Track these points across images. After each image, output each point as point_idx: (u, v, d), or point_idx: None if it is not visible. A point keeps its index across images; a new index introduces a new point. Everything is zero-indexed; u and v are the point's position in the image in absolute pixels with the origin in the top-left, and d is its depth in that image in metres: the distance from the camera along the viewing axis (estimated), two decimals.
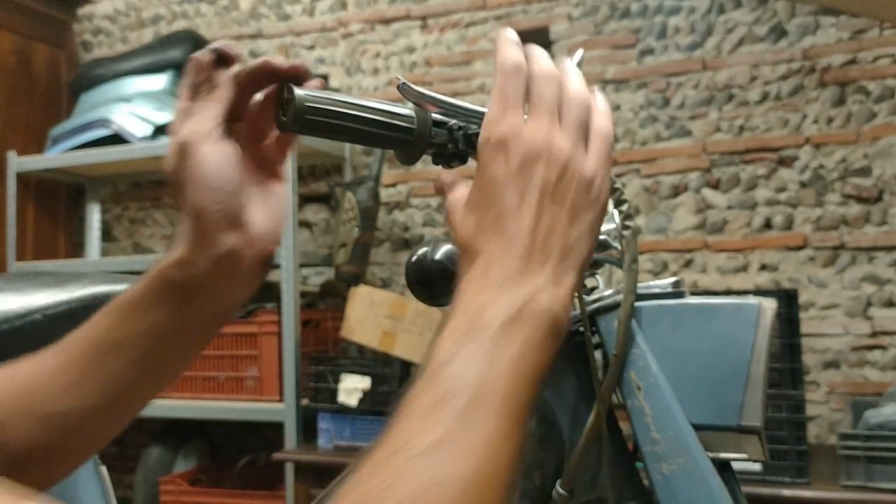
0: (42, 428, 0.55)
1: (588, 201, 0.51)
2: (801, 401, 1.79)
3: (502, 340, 0.44)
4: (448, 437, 0.40)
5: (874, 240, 2.13)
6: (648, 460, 0.64)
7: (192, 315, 0.56)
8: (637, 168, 2.38)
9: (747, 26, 2.30)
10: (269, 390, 2.37)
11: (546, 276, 0.48)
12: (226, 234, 0.54)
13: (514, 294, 0.46)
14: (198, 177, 0.53)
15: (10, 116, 2.85)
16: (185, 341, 0.58)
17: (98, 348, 0.56)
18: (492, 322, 0.45)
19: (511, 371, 0.44)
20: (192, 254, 0.55)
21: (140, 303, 0.56)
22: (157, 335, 0.56)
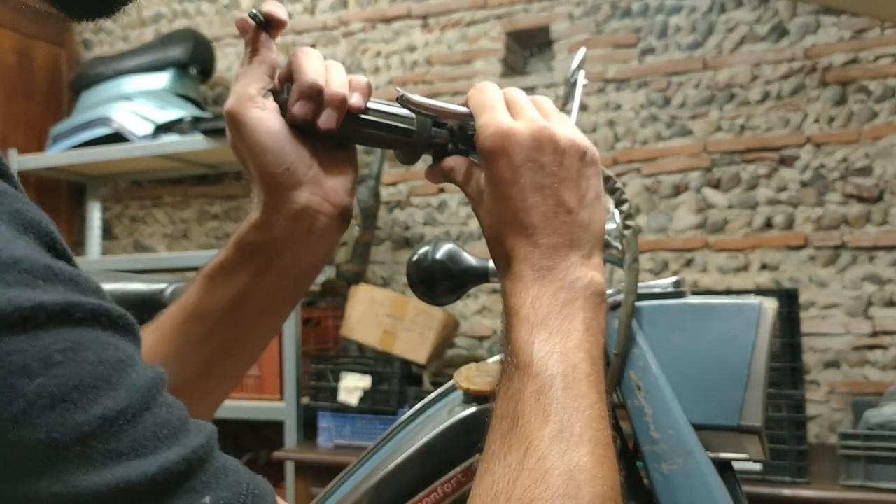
0: None
1: (586, 166, 0.55)
2: (802, 400, 1.79)
3: (565, 327, 0.49)
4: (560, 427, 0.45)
5: (875, 239, 2.13)
6: (648, 460, 0.64)
7: (275, 277, 0.57)
8: (638, 167, 2.38)
9: (748, 25, 2.30)
10: (270, 389, 2.37)
11: (578, 255, 0.52)
12: (296, 192, 0.56)
13: (557, 280, 0.51)
14: (253, 143, 0.55)
15: (11, 115, 2.85)
16: (271, 304, 0.59)
17: (189, 319, 0.57)
18: (550, 314, 0.49)
19: (583, 353, 0.49)
20: (267, 215, 0.56)
21: (225, 270, 0.57)
22: (244, 300, 0.57)
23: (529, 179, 0.52)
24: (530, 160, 0.52)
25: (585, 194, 0.54)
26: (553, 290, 0.50)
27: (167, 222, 3.04)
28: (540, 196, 0.52)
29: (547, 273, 0.51)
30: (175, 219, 3.03)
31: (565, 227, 0.52)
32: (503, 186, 0.52)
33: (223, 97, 2.96)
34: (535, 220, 0.52)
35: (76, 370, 0.31)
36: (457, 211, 2.57)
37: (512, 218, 0.52)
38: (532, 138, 0.53)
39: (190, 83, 2.77)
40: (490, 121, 0.54)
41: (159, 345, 0.57)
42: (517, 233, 0.52)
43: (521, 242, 0.52)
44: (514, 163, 0.52)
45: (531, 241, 0.52)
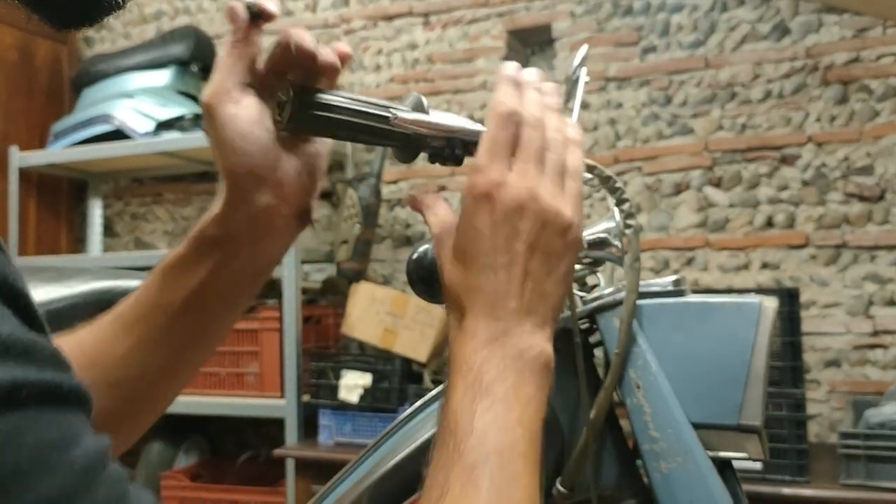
0: (112, 395, 0.56)
1: (566, 245, 0.53)
2: (802, 399, 1.80)
3: (508, 398, 0.48)
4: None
5: (876, 239, 2.13)
6: (647, 459, 0.64)
7: (233, 272, 0.57)
8: (639, 166, 2.38)
9: (750, 24, 2.29)
10: (270, 386, 2.37)
11: (532, 322, 0.51)
12: (257, 193, 0.56)
13: (508, 347, 0.50)
14: (221, 139, 0.54)
15: (12, 111, 2.85)
16: (229, 297, 0.59)
17: (150, 311, 0.57)
18: (494, 380, 0.48)
19: (522, 429, 0.47)
20: (229, 211, 0.56)
21: (184, 263, 0.57)
22: (203, 293, 0.57)
23: (504, 239, 0.51)
24: (510, 222, 0.51)
25: (554, 269, 0.52)
26: (503, 356, 0.49)
27: (168, 219, 3.04)
28: (509, 258, 0.51)
29: (500, 337, 0.50)
30: (176, 216, 3.03)
31: (528, 294, 0.51)
32: (476, 238, 0.51)
33: None
34: (500, 280, 0.51)
35: (15, 454, 0.30)
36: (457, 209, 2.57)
37: (477, 271, 0.51)
38: (518, 201, 0.51)
39: (191, 80, 2.77)
40: (485, 165, 0.52)
41: (120, 336, 0.57)
42: (478, 289, 0.51)
43: (481, 300, 0.51)
44: (494, 219, 0.51)
45: (491, 300, 0.51)
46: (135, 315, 0.57)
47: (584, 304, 0.69)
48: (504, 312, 0.50)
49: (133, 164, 2.86)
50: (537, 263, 0.52)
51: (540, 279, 0.52)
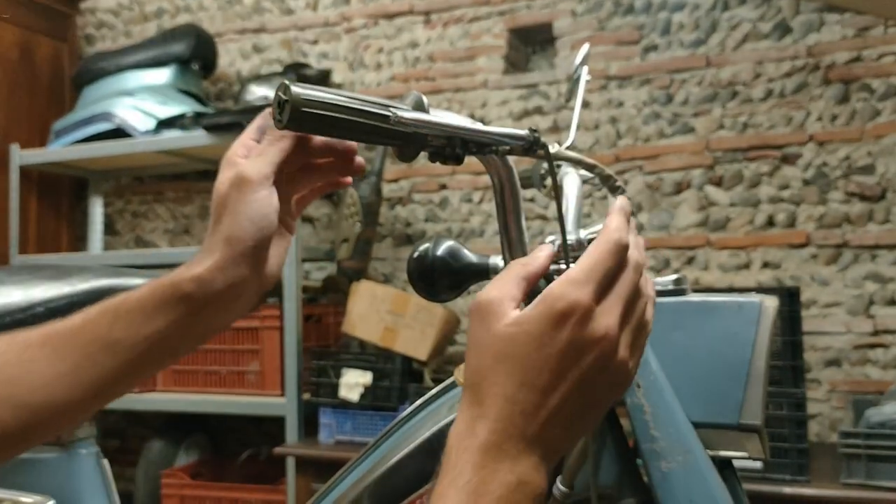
0: (19, 415, 0.56)
1: (611, 397, 0.51)
2: (803, 399, 1.79)
3: None
4: None
5: (877, 238, 2.13)
6: (648, 458, 0.64)
7: (194, 325, 0.59)
8: (640, 165, 2.38)
9: (751, 23, 2.29)
10: (271, 385, 2.37)
11: (541, 455, 0.48)
12: (247, 265, 0.58)
13: (511, 473, 0.47)
14: (247, 211, 0.57)
15: (13, 110, 2.85)
16: (180, 347, 0.60)
17: (95, 345, 0.57)
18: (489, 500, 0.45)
19: None
20: (212, 274, 0.58)
21: (147, 307, 0.58)
22: (158, 339, 0.58)
23: (560, 363, 0.48)
24: (576, 351, 0.48)
25: (588, 414, 0.50)
26: (503, 483, 0.46)
27: (169, 218, 3.04)
28: (555, 385, 0.48)
29: (509, 461, 0.47)
30: (177, 214, 3.03)
31: (552, 427, 0.48)
32: (533, 347, 0.48)
33: (225, 93, 2.96)
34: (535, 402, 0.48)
35: None
36: (458, 208, 2.57)
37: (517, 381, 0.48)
38: (594, 335, 0.48)
39: (192, 79, 2.77)
40: (581, 284, 0.48)
41: (52, 361, 0.57)
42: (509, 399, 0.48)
43: (506, 410, 0.47)
44: (562, 339, 0.48)
45: (515, 416, 0.47)
46: (73, 344, 0.57)
47: None
48: (521, 436, 0.47)
49: (134, 162, 2.86)
50: (577, 403, 0.49)
51: (571, 418, 0.49)
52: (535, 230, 2.44)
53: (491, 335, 0.49)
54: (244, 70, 2.92)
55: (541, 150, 0.62)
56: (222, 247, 0.58)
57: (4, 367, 0.56)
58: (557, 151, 0.68)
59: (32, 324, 0.75)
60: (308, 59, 2.81)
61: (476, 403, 0.49)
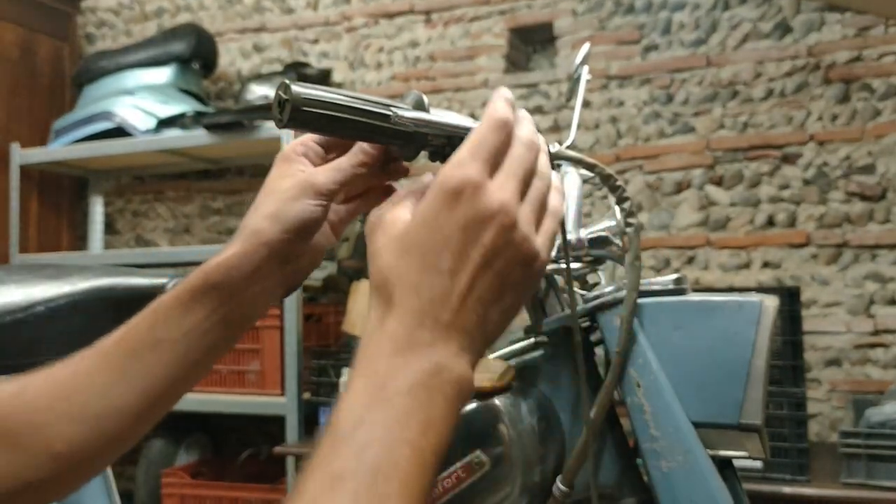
0: (84, 428, 0.56)
1: (525, 277, 0.49)
2: (803, 398, 1.79)
3: (408, 415, 0.43)
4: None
5: (877, 238, 2.13)
6: (648, 457, 0.64)
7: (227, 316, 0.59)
8: (640, 164, 2.38)
9: (752, 23, 2.29)
10: (271, 384, 2.37)
11: (461, 343, 0.46)
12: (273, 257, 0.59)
13: (427, 360, 0.44)
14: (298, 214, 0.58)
15: (14, 109, 2.85)
16: (220, 341, 0.60)
17: (139, 347, 0.58)
18: (399, 391, 0.43)
19: (412, 452, 0.42)
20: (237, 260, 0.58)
21: (182, 302, 0.58)
22: (198, 334, 0.58)
23: (460, 243, 0.46)
24: (474, 228, 0.46)
25: (504, 297, 0.48)
26: (418, 370, 0.44)
27: (169, 217, 3.05)
28: (459, 265, 0.46)
29: (422, 348, 0.44)
30: (177, 213, 3.03)
31: (466, 311, 0.46)
32: (431, 232, 0.46)
33: (225, 92, 2.96)
34: (442, 286, 0.46)
35: None
36: None
37: (420, 268, 0.46)
38: (489, 209, 0.46)
39: (192, 78, 2.77)
40: (466, 162, 0.47)
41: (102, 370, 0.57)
42: (415, 288, 0.46)
43: (414, 301, 0.46)
44: (457, 217, 0.46)
45: (425, 304, 0.45)
46: (120, 351, 0.58)
47: (585, 303, 0.69)
48: (434, 323, 0.45)
49: (134, 161, 2.86)
50: (487, 283, 0.47)
51: (485, 300, 0.47)
52: None
53: (387, 237, 0.48)
54: (244, 69, 2.92)
55: None
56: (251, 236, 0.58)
57: (58, 384, 0.57)
58: (558, 151, 0.68)
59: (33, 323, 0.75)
60: (308, 59, 2.81)
61: (383, 303, 0.47)
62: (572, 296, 0.67)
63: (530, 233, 0.49)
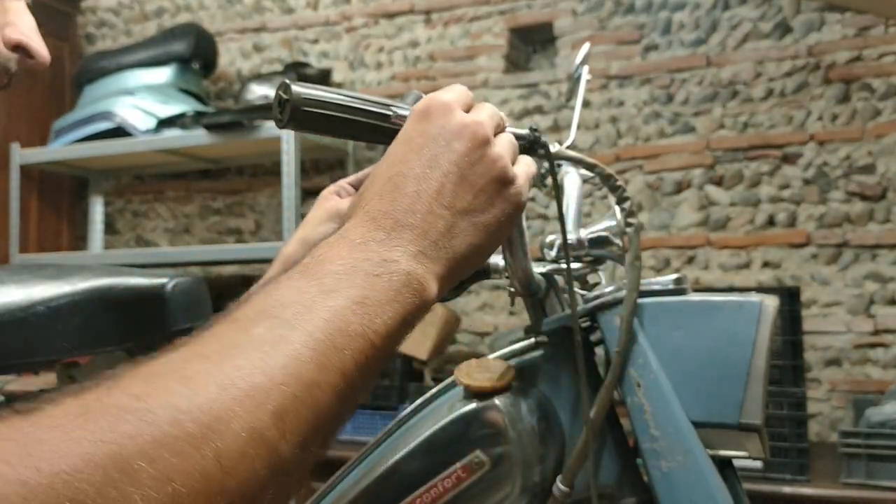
0: None
1: (501, 196, 0.48)
2: (803, 398, 1.79)
3: (336, 290, 0.40)
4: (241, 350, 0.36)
5: (877, 238, 2.13)
6: (648, 457, 0.64)
7: None
8: (640, 164, 2.38)
9: (752, 22, 2.29)
10: None
11: (420, 247, 0.44)
12: None
13: (374, 253, 0.42)
14: None
15: (14, 108, 2.85)
16: None
17: None
18: (335, 271, 0.41)
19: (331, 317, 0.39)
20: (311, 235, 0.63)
21: None
22: None
23: (430, 150, 0.47)
24: (446, 139, 0.47)
25: (478, 212, 0.47)
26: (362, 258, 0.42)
27: (169, 217, 3.04)
28: (426, 172, 0.46)
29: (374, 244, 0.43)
30: (177, 213, 3.03)
31: (432, 218, 0.45)
32: (401, 143, 0.48)
33: (225, 92, 2.96)
34: (405, 192, 0.45)
35: None
36: None
37: (385, 176, 0.46)
38: (463, 123, 0.48)
39: (192, 78, 2.77)
40: (439, 94, 0.51)
41: None
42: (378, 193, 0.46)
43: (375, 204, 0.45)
44: (428, 129, 0.48)
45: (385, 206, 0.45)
46: None
47: (585, 303, 0.69)
48: (393, 223, 0.44)
49: (134, 161, 2.86)
50: (458, 190, 0.46)
51: (454, 208, 0.46)
52: (535, 229, 2.44)
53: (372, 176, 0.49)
54: (244, 69, 2.92)
55: (541, 149, 0.63)
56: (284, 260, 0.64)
57: None
58: (558, 151, 0.68)
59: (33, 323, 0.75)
60: (308, 59, 2.81)
61: (348, 217, 0.46)
62: (572, 296, 0.67)
63: (506, 157, 0.49)
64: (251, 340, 0.36)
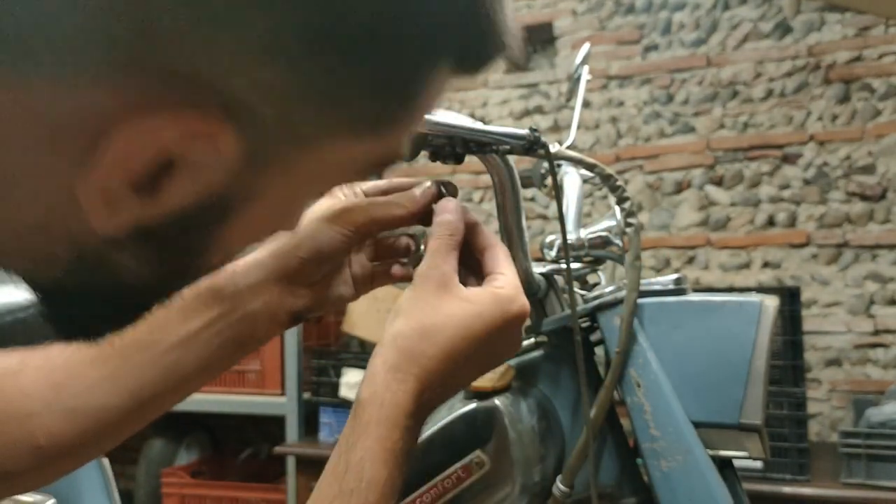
0: (68, 423, 0.55)
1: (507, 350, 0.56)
2: (803, 398, 1.80)
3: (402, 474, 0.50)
4: None
5: (877, 238, 2.13)
6: (648, 457, 0.64)
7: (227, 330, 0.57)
8: (640, 164, 2.38)
9: (752, 23, 2.29)
10: (272, 384, 2.37)
11: None
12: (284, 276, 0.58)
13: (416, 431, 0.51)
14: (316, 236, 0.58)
15: None
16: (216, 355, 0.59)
17: (134, 347, 0.56)
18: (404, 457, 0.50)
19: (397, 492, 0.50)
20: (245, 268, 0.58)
21: (185, 307, 0.57)
22: (194, 343, 0.57)
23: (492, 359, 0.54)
24: (507, 348, 0.54)
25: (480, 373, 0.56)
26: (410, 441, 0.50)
27: None
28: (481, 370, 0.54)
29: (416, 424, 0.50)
30: None
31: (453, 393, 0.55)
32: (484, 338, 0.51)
33: None
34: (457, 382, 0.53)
35: None
36: None
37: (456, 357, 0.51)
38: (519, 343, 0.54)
39: None
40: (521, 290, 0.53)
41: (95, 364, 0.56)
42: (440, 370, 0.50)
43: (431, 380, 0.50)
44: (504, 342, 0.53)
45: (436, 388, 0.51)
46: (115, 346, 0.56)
47: (585, 303, 0.70)
48: (427, 402, 0.51)
49: None
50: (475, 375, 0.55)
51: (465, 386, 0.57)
52: (535, 230, 2.44)
53: (442, 299, 0.51)
54: None
55: (541, 149, 0.63)
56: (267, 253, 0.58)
57: (52, 372, 0.56)
58: (558, 151, 0.68)
59: (33, 323, 0.75)
60: None
61: (412, 359, 0.50)
62: (572, 296, 0.67)
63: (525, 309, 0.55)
64: None
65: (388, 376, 0.50)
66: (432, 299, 0.51)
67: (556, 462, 0.68)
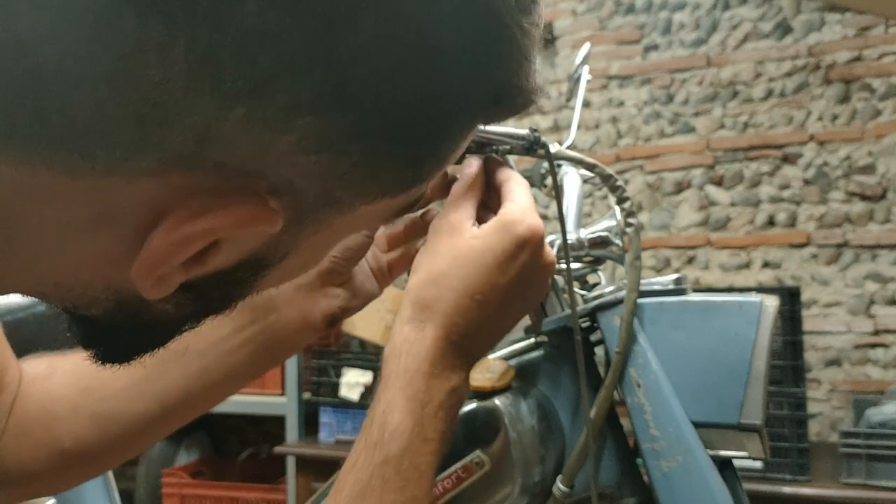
0: (93, 427, 0.55)
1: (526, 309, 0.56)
2: (803, 398, 1.80)
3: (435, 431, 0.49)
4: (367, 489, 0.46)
5: (878, 238, 2.13)
6: (648, 457, 0.64)
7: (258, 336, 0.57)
8: (640, 164, 2.38)
9: (752, 23, 2.29)
10: (271, 384, 2.37)
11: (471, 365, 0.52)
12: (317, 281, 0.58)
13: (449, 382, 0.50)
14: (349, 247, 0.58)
15: None
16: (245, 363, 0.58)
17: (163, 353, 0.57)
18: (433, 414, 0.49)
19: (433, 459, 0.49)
20: None
21: None
22: (225, 348, 0.57)
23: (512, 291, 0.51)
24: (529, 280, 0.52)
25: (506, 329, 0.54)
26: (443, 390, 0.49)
27: None
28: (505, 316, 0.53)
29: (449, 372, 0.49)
30: None
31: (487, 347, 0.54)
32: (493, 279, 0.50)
33: None
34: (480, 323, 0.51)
35: None
36: None
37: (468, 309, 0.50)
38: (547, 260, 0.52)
39: None
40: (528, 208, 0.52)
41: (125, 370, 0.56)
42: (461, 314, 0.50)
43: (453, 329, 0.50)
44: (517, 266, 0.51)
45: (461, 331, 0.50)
46: None
47: (585, 303, 0.69)
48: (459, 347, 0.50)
49: None
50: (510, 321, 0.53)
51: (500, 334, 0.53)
52: None
53: (451, 244, 0.51)
54: None
55: (541, 149, 0.63)
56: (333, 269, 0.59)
57: (80, 377, 0.56)
58: (558, 151, 0.68)
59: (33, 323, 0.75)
60: None
61: (426, 307, 0.51)
62: (572, 296, 0.67)
63: None
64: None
65: (405, 329, 0.51)
66: (442, 247, 0.51)
67: (556, 462, 0.68)
